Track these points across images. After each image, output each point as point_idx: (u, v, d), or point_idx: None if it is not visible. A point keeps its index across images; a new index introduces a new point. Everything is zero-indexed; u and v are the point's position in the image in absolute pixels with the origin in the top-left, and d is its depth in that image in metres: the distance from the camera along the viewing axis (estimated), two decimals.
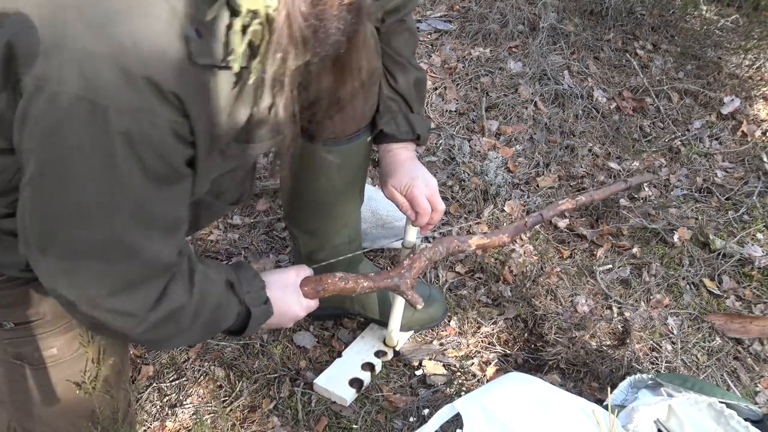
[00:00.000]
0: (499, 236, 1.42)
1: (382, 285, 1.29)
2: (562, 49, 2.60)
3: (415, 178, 1.38)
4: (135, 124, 0.81)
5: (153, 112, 0.82)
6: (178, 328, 1.02)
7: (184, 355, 1.61)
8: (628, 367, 1.59)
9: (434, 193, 1.39)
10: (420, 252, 1.34)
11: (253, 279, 1.16)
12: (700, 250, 1.93)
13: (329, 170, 1.44)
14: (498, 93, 2.43)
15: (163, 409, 1.51)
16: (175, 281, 0.99)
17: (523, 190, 2.11)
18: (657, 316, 1.75)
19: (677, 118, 2.40)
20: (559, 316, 1.71)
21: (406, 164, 1.41)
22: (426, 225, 1.42)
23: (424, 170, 1.42)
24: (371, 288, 1.29)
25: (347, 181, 1.49)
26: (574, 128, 2.31)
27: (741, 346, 1.70)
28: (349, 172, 1.47)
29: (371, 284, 1.28)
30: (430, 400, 1.54)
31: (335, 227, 1.55)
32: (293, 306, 1.23)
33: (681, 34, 2.72)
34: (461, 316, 1.74)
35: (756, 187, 2.15)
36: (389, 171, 1.41)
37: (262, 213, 1.99)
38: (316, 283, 1.26)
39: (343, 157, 1.43)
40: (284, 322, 1.25)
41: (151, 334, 0.99)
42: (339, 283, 1.26)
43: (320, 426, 1.48)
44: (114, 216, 0.87)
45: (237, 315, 1.13)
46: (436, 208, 1.39)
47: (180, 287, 1.00)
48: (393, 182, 1.40)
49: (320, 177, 1.45)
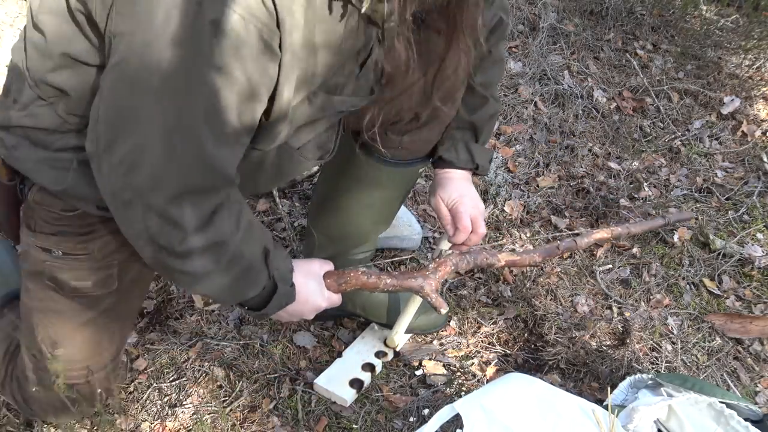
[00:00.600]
0: (530, 255, 1.38)
1: (406, 285, 1.25)
2: (562, 49, 2.60)
3: (464, 196, 1.37)
4: (226, 17, 0.81)
5: (247, 8, 0.82)
6: (214, 265, 1.03)
7: (184, 355, 1.61)
8: (628, 367, 1.59)
9: (480, 215, 1.37)
10: (447, 257, 1.30)
11: (285, 259, 1.16)
12: (700, 250, 1.93)
13: (374, 188, 1.44)
14: (498, 93, 2.43)
15: (163, 409, 1.51)
16: (225, 211, 1.00)
17: (523, 190, 2.11)
18: (657, 316, 1.75)
19: (677, 118, 2.40)
20: (559, 316, 1.71)
21: (459, 183, 1.39)
22: (461, 245, 1.40)
23: (474, 192, 1.40)
24: (394, 286, 1.25)
25: (386, 203, 1.49)
26: (574, 128, 2.31)
27: (741, 346, 1.70)
28: (392, 196, 1.47)
29: (395, 282, 1.25)
30: (430, 400, 1.54)
31: (358, 242, 1.56)
32: (316, 296, 1.22)
33: (681, 34, 2.72)
34: (461, 316, 1.74)
35: (756, 187, 2.15)
36: (440, 184, 1.39)
37: (262, 213, 1.99)
38: (339, 276, 1.24)
39: (393, 180, 1.42)
40: (305, 311, 1.23)
41: (188, 262, 1.00)
42: (362, 277, 1.23)
43: (320, 426, 1.48)
44: (189, 106, 0.88)
45: (263, 288, 1.13)
46: (477, 231, 1.37)
47: (227, 219, 1.01)
48: (442, 193, 1.38)
49: (362, 191, 1.45)
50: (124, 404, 1.51)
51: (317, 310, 1.24)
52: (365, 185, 1.45)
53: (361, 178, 1.44)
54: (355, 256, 1.58)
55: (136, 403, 1.52)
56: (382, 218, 1.54)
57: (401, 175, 1.43)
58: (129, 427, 1.47)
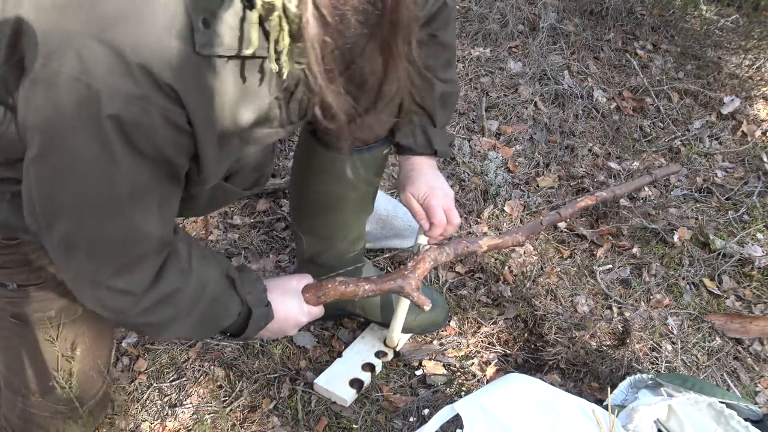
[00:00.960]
0: (512, 236, 1.37)
1: (386, 288, 1.26)
2: (562, 49, 2.60)
3: (434, 188, 1.37)
4: (126, 110, 0.82)
5: (146, 99, 0.82)
6: (175, 312, 1.04)
7: (184, 355, 1.61)
8: (628, 367, 1.59)
9: (451, 206, 1.38)
10: (425, 253, 1.30)
11: (255, 281, 1.17)
12: (700, 250, 1.93)
13: (342, 177, 1.43)
14: (498, 93, 2.43)
15: (163, 409, 1.51)
16: (172, 262, 1.01)
17: (523, 190, 2.11)
18: (657, 316, 1.75)
19: (677, 118, 2.40)
20: (559, 316, 1.71)
21: (426, 173, 1.39)
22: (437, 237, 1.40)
23: (443, 181, 1.40)
24: (374, 291, 1.26)
25: (359, 190, 1.48)
26: (574, 128, 2.31)
27: (741, 346, 1.70)
28: (363, 182, 1.47)
29: (374, 287, 1.25)
30: (430, 400, 1.54)
31: (342, 234, 1.55)
32: (294, 312, 1.23)
33: (681, 34, 2.72)
34: (461, 316, 1.74)
35: (756, 187, 2.15)
36: (409, 178, 1.40)
37: (262, 213, 1.99)
38: (317, 289, 1.24)
39: (359, 166, 1.42)
40: (286, 328, 1.25)
41: (149, 315, 1.01)
42: (340, 288, 1.24)
43: (320, 426, 1.48)
44: (111, 192, 0.88)
45: (238, 314, 1.14)
46: (451, 222, 1.37)
47: (176, 269, 1.02)
48: (411, 189, 1.38)
49: (332, 183, 1.45)
50: (124, 404, 1.51)
51: (298, 326, 1.26)
52: (332, 178, 1.44)
53: (325, 171, 1.43)
54: (344, 248, 1.57)
55: (136, 403, 1.52)
56: (359, 207, 1.53)
57: (364, 161, 1.42)
58: (129, 427, 1.47)
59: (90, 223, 0.91)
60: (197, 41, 0.83)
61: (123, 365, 1.60)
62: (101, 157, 0.85)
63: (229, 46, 0.85)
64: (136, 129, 0.84)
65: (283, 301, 1.22)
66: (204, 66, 0.85)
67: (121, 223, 0.92)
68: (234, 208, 2.00)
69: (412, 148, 1.39)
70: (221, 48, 0.85)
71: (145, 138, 0.85)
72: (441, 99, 1.38)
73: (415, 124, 1.38)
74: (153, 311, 1.01)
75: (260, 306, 1.16)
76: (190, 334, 1.11)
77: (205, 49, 0.84)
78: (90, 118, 0.82)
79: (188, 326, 1.08)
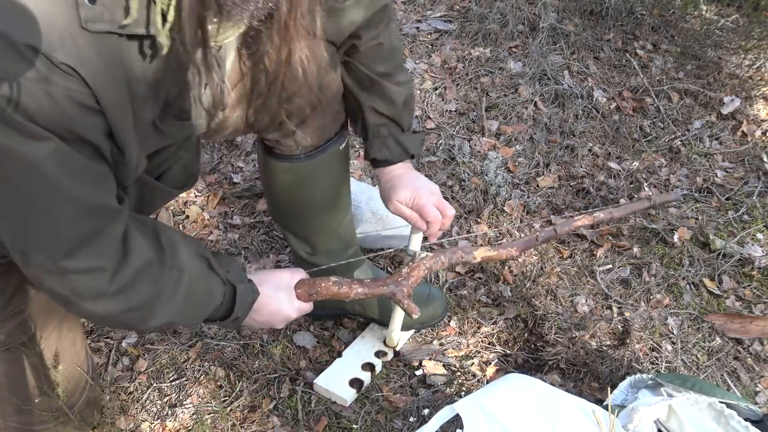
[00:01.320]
0: (507, 249, 1.37)
1: (378, 292, 1.27)
2: (562, 49, 2.60)
3: (418, 188, 1.37)
4: (26, 95, 0.77)
5: (46, 80, 0.78)
6: (156, 289, 1.01)
7: (184, 355, 1.61)
8: (628, 367, 1.59)
9: (440, 200, 1.37)
10: (420, 260, 1.31)
11: (230, 260, 1.16)
12: (700, 250, 1.93)
13: (305, 184, 1.43)
14: (498, 93, 2.43)
15: (163, 409, 1.51)
16: (135, 234, 0.99)
17: (523, 190, 2.11)
18: (657, 316, 1.75)
19: (677, 118, 2.40)
20: (559, 316, 1.71)
21: (406, 177, 1.39)
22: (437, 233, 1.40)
23: (423, 179, 1.40)
24: (366, 294, 1.27)
25: (327, 191, 1.47)
26: (574, 128, 2.31)
27: (741, 346, 1.70)
28: (328, 183, 1.46)
29: (366, 290, 1.26)
30: (430, 400, 1.54)
31: (325, 235, 1.55)
32: (284, 306, 1.23)
33: (681, 34, 2.72)
34: (461, 316, 1.74)
35: (756, 187, 2.15)
36: (391, 187, 1.39)
37: (262, 213, 1.99)
38: (310, 287, 1.25)
39: (318, 169, 1.41)
40: (275, 321, 1.24)
41: (129, 295, 0.98)
42: (333, 288, 1.24)
43: (320, 426, 1.48)
44: (42, 177, 0.84)
45: (223, 295, 1.12)
46: (445, 214, 1.37)
47: (143, 241, 0.99)
48: (397, 197, 1.37)
49: (299, 190, 1.44)
50: (124, 404, 1.51)
51: (287, 320, 1.25)
52: (301, 184, 1.43)
53: (284, 181, 1.43)
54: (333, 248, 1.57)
55: (136, 403, 1.52)
56: (334, 206, 1.52)
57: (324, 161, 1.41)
58: (129, 427, 1.47)
59: (30, 214, 0.87)
60: (82, 16, 0.78)
61: (123, 365, 1.60)
62: (19, 148, 0.80)
63: (116, 21, 0.81)
64: (40, 113, 0.79)
65: (276, 295, 1.21)
66: (101, 44, 0.81)
67: (59, 201, 0.87)
68: (234, 208, 2.00)
69: (389, 159, 1.38)
70: (109, 24, 0.80)
71: (54, 122, 0.81)
72: (405, 103, 1.37)
73: (384, 135, 1.37)
74: (132, 288, 0.97)
75: (243, 282, 1.15)
76: (179, 316, 1.06)
77: (92, 24, 0.79)
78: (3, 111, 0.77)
79: (175, 308, 1.05)
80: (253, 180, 2.07)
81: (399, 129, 1.38)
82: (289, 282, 1.24)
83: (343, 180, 1.51)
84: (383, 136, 1.37)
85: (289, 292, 1.24)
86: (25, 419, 1.29)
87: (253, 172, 2.11)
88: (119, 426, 1.46)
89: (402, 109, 1.37)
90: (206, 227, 1.94)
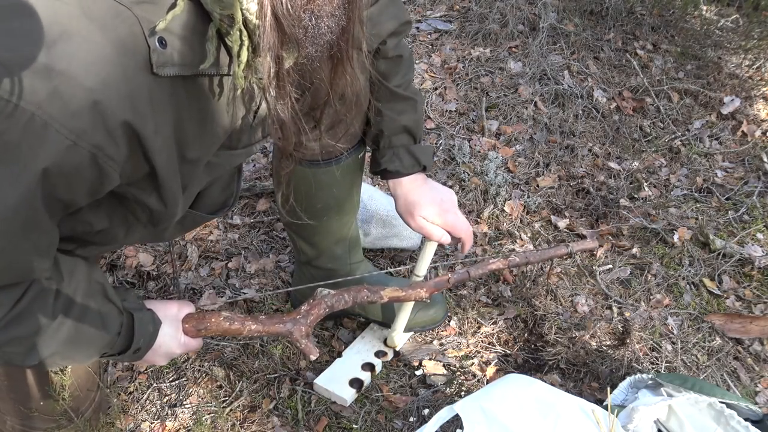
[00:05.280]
0: (416, 290, 1.32)
1: (273, 330, 1.17)
2: (562, 49, 2.60)
3: (443, 202, 1.35)
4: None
5: (81, 135, 0.75)
6: (43, 315, 0.91)
7: (184, 355, 1.61)
8: (628, 367, 1.59)
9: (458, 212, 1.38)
10: (321, 298, 1.21)
11: (125, 290, 1.09)
12: (700, 250, 1.93)
13: (322, 190, 1.43)
14: (498, 93, 2.43)
15: (163, 409, 1.51)
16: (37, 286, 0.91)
17: (523, 190, 2.11)
18: (657, 316, 1.75)
19: (677, 118, 2.40)
20: (559, 316, 1.71)
21: (423, 190, 1.37)
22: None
23: (441, 188, 1.39)
24: (260, 332, 1.17)
25: (341, 198, 1.48)
26: (574, 128, 2.31)
27: (741, 346, 1.70)
28: (343, 190, 1.46)
29: (260, 328, 1.16)
30: (430, 400, 1.54)
31: (333, 239, 1.56)
32: (168, 340, 1.12)
33: (681, 34, 2.72)
34: (461, 316, 1.74)
35: (756, 187, 2.15)
36: (410, 203, 1.37)
37: (262, 213, 1.99)
38: (198, 321, 1.15)
39: (336, 176, 1.41)
40: (156, 358, 1.13)
41: (10, 328, 0.88)
42: (224, 324, 1.15)
43: (320, 426, 1.48)
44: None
45: (121, 325, 1.02)
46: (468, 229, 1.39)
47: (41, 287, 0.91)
48: (421, 213, 1.36)
49: (314, 196, 1.44)
50: (124, 404, 1.51)
51: (170, 357, 1.15)
52: (317, 190, 1.43)
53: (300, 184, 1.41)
54: (339, 251, 1.57)
55: (136, 403, 1.52)
56: (345, 211, 1.52)
57: (343, 168, 1.41)
58: (129, 427, 1.47)
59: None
60: (155, 62, 0.77)
61: (123, 365, 1.60)
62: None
63: (188, 65, 0.80)
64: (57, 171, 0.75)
65: (159, 329, 1.10)
66: (159, 87, 0.79)
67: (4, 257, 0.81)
68: (234, 208, 2.00)
69: (400, 171, 1.36)
70: (180, 68, 0.79)
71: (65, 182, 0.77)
72: (418, 114, 1.37)
73: (397, 146, 1.36)
74: (19, 320, 0.88)
75: (141, 310, 1.06)
76: (67, 348, 0.95)
77: (164, 69, 0.78)
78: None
79: (63, 337, 0.94)
80: (252, 180, 2.07)
81: (412, 140, 1.37)
82: (176, 314, 1.14)
83: (357, 187, 1.52)
84: (395, 146, 1.36)
85: (175, 326, 1.13)
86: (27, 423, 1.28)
87: (253, 172, 2.11)
88: (119, 426, 1.46)
89: (416, 120, 1.37)
90: (206, 227, 1.94)
